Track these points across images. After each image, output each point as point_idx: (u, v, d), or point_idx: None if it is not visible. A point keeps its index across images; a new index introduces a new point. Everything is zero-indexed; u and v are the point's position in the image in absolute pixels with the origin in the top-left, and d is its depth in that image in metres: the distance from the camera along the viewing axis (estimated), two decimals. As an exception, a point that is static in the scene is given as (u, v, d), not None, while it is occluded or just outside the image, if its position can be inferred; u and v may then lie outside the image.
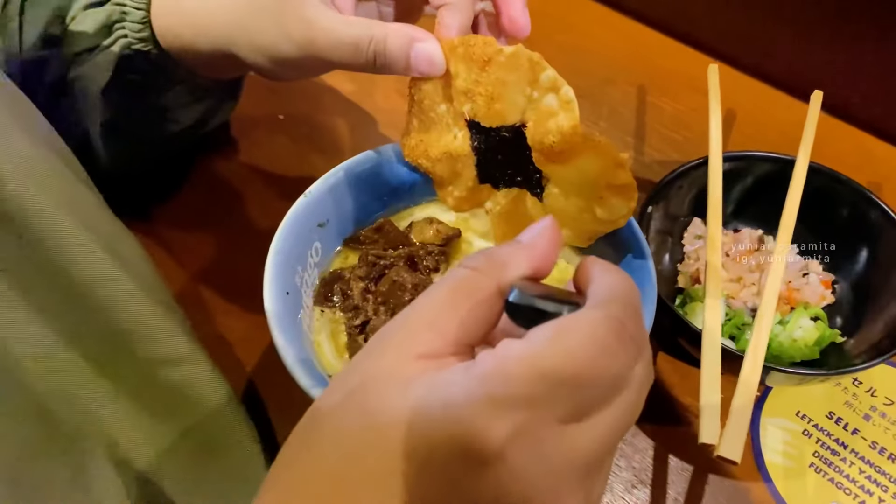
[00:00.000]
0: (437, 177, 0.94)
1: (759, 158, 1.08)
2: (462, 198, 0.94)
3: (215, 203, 1.20)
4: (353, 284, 0.93)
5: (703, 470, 0.95)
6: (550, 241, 0.52)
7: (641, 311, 0.47)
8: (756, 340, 0.86)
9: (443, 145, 0.88)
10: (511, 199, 0.88)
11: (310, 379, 0.77)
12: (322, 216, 0.94)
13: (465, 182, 0.92)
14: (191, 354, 0.83)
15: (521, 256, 0.50)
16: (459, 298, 0.48)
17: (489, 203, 0.91)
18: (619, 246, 0.91)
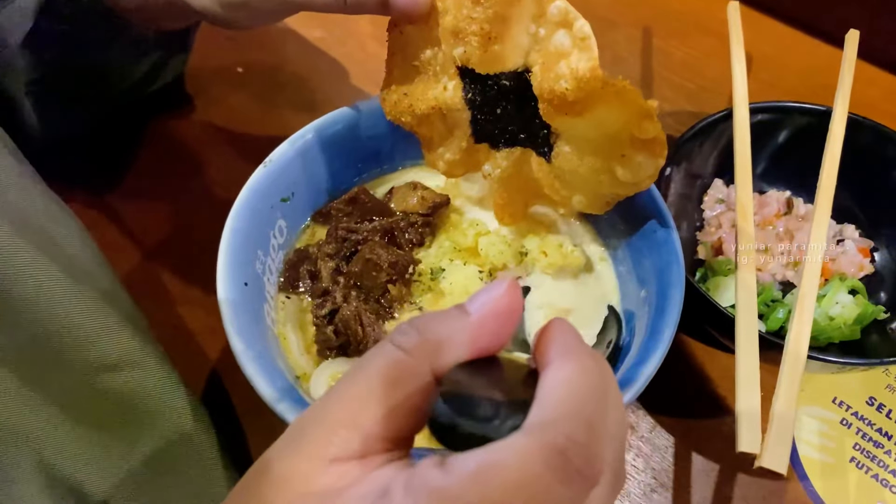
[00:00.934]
0: (424, 137, 0.80)
1: (791, 110, 0.95)
2: (455, 161, 0.80)
3: (168, 172, 1.07)
4: (322, 264, 0.79)
5: (730, 469, 0.84)
6: (504, 314, 0.44)
7: (602, 421, 0.39)
8: (798, 328, 0.74)
9: (430, 99, 0.74)
10: (513, 161, 0.75)
11: (272, 389, 0.65)
12: (286, 189, 0.80)
13: (458, 142, 0.77)
14: (138, 356, 0.72)
15: (462, 336, 0.42)
16: (386, 388, 0.40)
17: (487, 166, 0.77)
18: (635, 216, 0.78)
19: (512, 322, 0.44)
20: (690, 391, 0.88)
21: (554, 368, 0.41)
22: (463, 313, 0.43)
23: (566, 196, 0.74)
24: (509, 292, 0.43)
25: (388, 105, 0.78)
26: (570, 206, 0.76)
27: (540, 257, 0.81)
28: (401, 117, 0.77)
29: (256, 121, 1.10)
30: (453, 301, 0.76)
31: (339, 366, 0.74)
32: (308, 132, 0.82)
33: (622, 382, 0.66)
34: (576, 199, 0.74)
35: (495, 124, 0.73)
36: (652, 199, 0.77)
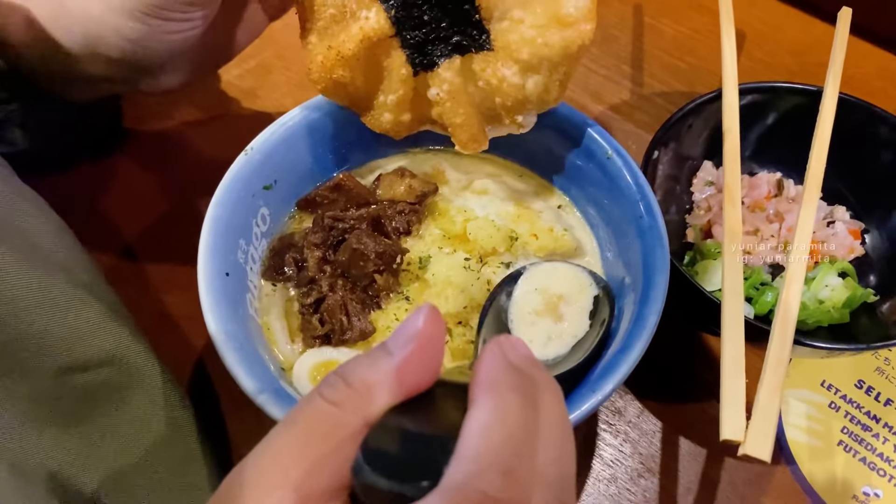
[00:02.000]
0: (360, 93, 0.76)
1: (782, 90, 0.93)
2: (399, 108, 0.76)
3: (151, 159, 1.05)
4: (308, 253, 0.78)
5: (717, 453, 0.84)
6: (426, 349, 0.43)
7: (528, 466, 0.39)
8: (784, 312, 0.73)
9: (356, 34, 0.71)
10: (457, 71, 0.71)
11: (253, 381, 0.64)
12: (269, 176, 0.79)
13: (398, 81, 0.74)
14: (120, 351, 0.72)
15: (389, 379, 0.42)
16: (317, 443, 0.39)
17: (433, 89, 0.73)
18: (621, 202, 0.77)
19: (436, 355, 0.43)
20: (678, 376, 0.88)
21: (474, 411, 0.40)
22: (386, 354, 0.42)
23: (519, 87, 0.69)
24: (428, 323, 0.43)
25: (317, 71, 0.74)
26: (525, 105, 0.71)
27: (531, 240, 0.81)
28: (334, 73, 0.73)
29: (241, 106, 1.09)
30: (438, 292, 0.76)
31: (323, 355, 0.74)
32: (291, 118, 0.81)
33: (606, 370, 0.66)
34: (530, 83, 0.69)
35: (426, 35, 0.70)
36: (638, 184, 0.76)
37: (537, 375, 0.44)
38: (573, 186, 0.85)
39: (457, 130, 0.75)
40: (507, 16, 0.67)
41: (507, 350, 0.44)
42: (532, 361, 0.45)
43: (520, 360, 0.44)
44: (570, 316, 0.73)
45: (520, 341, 0.46)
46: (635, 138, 1.06)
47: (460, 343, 0.75)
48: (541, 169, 0.87)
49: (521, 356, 0.44)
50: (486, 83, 0.70)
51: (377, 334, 0.75)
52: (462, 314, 0.76)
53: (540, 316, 0.73)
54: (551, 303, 0.74)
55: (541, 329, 0.73)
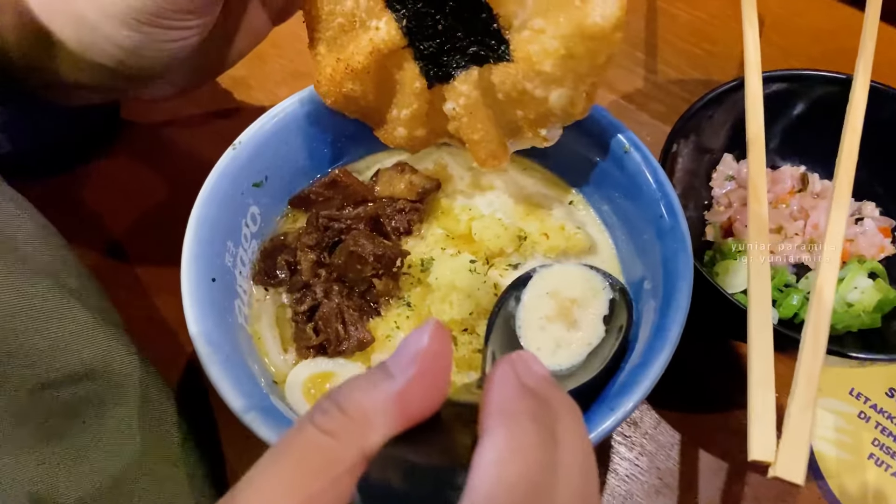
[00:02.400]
0: (371, 106, 0.72)
1: (808, 79, 0.87)
2: (413, 122, 0.72)
3: (139, 154, 1.00)
4: (301, 256, 0.73)
5: (739, 466, 0.79)
6: (432, 370, 0.39)
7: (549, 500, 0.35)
8: (816, 321, 0.68)
9: (366, 46, 0.66)
10: (474, 84, 0.67)
11: (240, 398, 0.59)
12: (258, 172, 0.74)
13: (411, 94, 0.70)
14: (109, 358, 0.67)
15: (389, 407, 0.38)
16: (306, 479, 0.35)
17: (449, 103, 0.68)
18: (639, 201, 0.72)
19: (442, 378, 0.38)
20: (697, 384, 0.83)
21: (487, 442, 0.35)
22: (387, 377, 0.38)
23: (543, 99, 0.64)
24: (434, 341, 0.38)
25: (326, 84, 0.70)
26: (548, 118, 0.67)
27: (541, 240, 0.75)
28: (343, 88, 0.69)
29: (233, 97, 1.03)
30: (442, 297, 0.70)
31: (318, 366, 0.69)
32: (282, 110, 0.75)
33: (625, 386, 0.61)
34: (554, 96, 0.64)
35: (440, 45, 0.65)
36: (659, 182, 0.70)
37: (554, 398, 0.40)
38: (586, 183, 0.79)
39: (475, 147, 0.70)
40: (528, 25, 0.61)
41: (520, 370, 0.40)
42: (548, 382, 0.40)
43: (535, 381, 0.40)
44: (584, 322, 0.68)
45: (533, 357, 0.41)
46: (650, 129, 1.01)
47: (466, 352, 0.69)
48: (551, 163, 0.81)
49: (535, 376, 0.40)
50: (505, 96, 0.65)
51: (376, 344, 0.70)
52: (468, 321, 0.70)
53: (551, 322, 0.68)
54: (564, 308, 0.69)
55: (551, 335, 0.67)
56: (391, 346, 0.70)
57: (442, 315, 0.69)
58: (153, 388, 0.70)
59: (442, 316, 0.69)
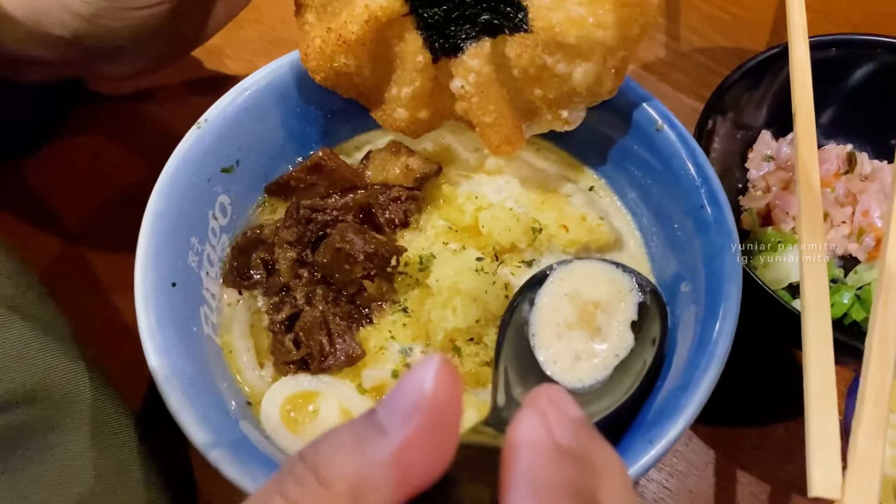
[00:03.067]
0: (368, 83, 0.64)
1: (860, 44, 0.77)
2: (415, 103, 0.63)
3: (99, 134, 0.89)
4: (280, 253, 0.62)
5: (782, 489, 0.70)
6: (438, 420, 0.31)
7: None
8: (884, 326, 0.58)
9: (361, 14, 0.57)
10: (486, 58, 0.58)
11: (205, 431, 0.49)
12: (228, 155, 0.63)
13: (413, 70, 0.61)
14: (41, 384, 0.58)
15: (384, 474, 0.29)
16: None
17: (457, 81, 0.60)
18: (674, 187, 0.61)
19: (450, 433, 0.31)
20: (732, 393, 0.72)
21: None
22: (379, 433, 0.30)
23: (565, 76, 0.57)
24: (440, 385, 0.30)
25: (315, 58, 0.61)
26: (571, 98, 0.59)
27: (559, 233, 0.65)
28: (335, 62, 0.61)
29: (205, 67, 0.93)
30: (444, 302, 0.59)
31: (299, 385, 0.58)
32: (255, 82, 0.65)
33: (663, 411, 0.51)
34: (578, 72, 0.56)
35: (447, 12, 0.57)
36: (698, 165, 0.60)
37: (595, 453, 0.32)
38: (610, 165, 0.69)
39: (487, 131, 0.62)
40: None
41: (553, 422, 0.32)
42: (587, 432, 0.33)
43: (571, 434, 0.32)
44: (609, 329, 0.59)
45: (564, 397, 0.34)
46: (673, 103, 0.90)
47: (472, 366, 0.60)
48: (569, 143, 0.71)
49: (571, 427, 0.32)
50: (522, 72, 0.57)
51: (368, 358, 0.60)
52: (474, 329, 0.60)
53: (571, 329, 0.59)
54: (586, 312, 0.59)
55: (570, 345, 0.58)
56: (385, 360, 0.60)
57: (444, 323, 0.58)
58: (108, 408, 0.61)
59: (444, 324, 0.58)
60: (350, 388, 0.58)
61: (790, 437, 0.71)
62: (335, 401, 0.58)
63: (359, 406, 0.58)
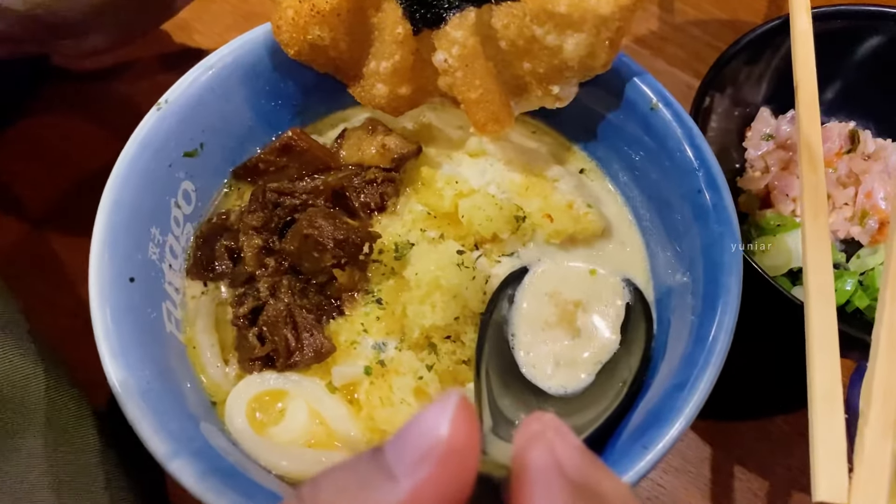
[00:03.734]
0: (344, 57, 0.59)
1: (866, 15, 0.72)
2: (395, 78, 0.59)
3: (63, 114, 0.84)
4: (245, 240, 0.58)
5: (783, 486, 0.67)
6: (454, 467, 0.28)
7: None
8: (892, 318, 0.54)
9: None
10: (470, 29, 0.55)
11: (165, 441, 0.46)
12: (191, 138, 0.59)
13: (393, 43, 0.57)
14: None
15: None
16: None
17: (440, 54, 0.56)
18: (667, 167, 0.58)
19: (467, 482, 0.28)
20: (729, 386, 0.69)
21: None
22: (387, 479, 0.27)
23: (556, 48, 0.53)
24: (459, 428, 0.27)
25: (288, 30, 0.57)
26: (563, 71, 0.55)
27: (543, 222, 0.61)
28: (306, 35, 0.57)
29: (174, 42, 0.88)
30: (422, 298, 0.55)
31: (265, 383, 0.54)
32: (219, 59, 0.61)
33: (658, 413, 0.47)
34: (570, 44, 0.52)
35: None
36: (696, 146, 0.56)
37: (604, 486, 0.31)
38: (601, 145, 0.65)
39: (472, 108, 0.58)
40: None
41: (560, 453, 0.30)
42: (592, 463, 0.31)
43: (579, 467, 0.30)
44: (591, 331, 0.55)
45: (565, 430, 0.32)
46: (667, 78, 0.86)
47: (450, 363, 0.56)
48: (557, 122, 0.67)
49: (578, 459, 0.30)
50: (510, 44, 0.54)
51: (338, 354, 0.56)
52: (452, 327, 0.57)
53: (551, 328, 0.55)
54: (567, 312, 0.56)
55: (549, 348, 0.55)
56: (357, 356, 0.56)
57: (422, 319, 0.55)
58: (70, 409, 0.57)
59: (422, 320, 0.55)
60: (319, 387, 0.55)
61: (791, 431, 0.67)
62: (303, 401, 0.54)
63: (329, 407, 0.54)
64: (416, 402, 0.53)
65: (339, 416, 0.54)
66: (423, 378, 0.54)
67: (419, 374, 0.54)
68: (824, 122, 0.78)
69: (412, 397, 0.53)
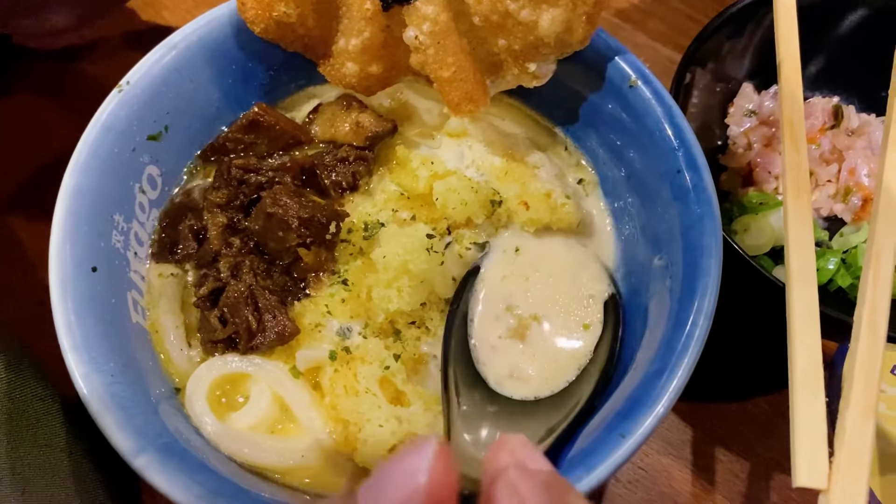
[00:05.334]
0: (313, 34, 0.58)
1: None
2: (365, 56, 0.57)
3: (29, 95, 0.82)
4: (209, 219, 0.56)
5: (763, 467, 0.67)
6: None
7: None
8: (875, 298, 0.54)
9: None
10: (443, 4, 0.53)
11: (130, 437, 0.44)
12: (155, 121, 0.57)
13: (361, 19, 0.55)
14: None
15: None
16: None
17: (411, 31, 0.54)
18: (646, 146, 0.56)
19: None
20: (709, 367, 0.69)
21: None
22: None
23: (531, 24, 0.51)
24: (437, 474, 0.27)
25: (252, 6, 0.56)
26: (539, 48, 0.53)
27: (519, 209, 0.59)
28: (272, 12, 0.55)
29: (141, 20, 0.85)
30: (389, 282, 0.53)
31: (227, 366, 0.53)
32: (183, 38, 0.59)
33: (636, 402, 0.46)
34: (546, 19, 0.50)
35: None
36: (675, 125, 0.55)
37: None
38: (579, 124, 0.63)
39: (445, 87, 0.56)
40: None
41: (524, 492, 0.29)
42: (559, 491, 0.30)
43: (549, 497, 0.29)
44: (557, 325, 0.55)
45: (533, 454, 0.31)
46: (649, 53, 0.84)
47: (414, 350, 0.55)
48: (535, 100, 0.65)
49: (541, 496, 0.29)
50: (483, 20, 0.51)
51: (302, 336, 0.54)
52: (417, 313, 0.56)
53: (511, 331, 0.55)
54: (522, 320, 0.55)
55: (509, 352, 0.54)
56: (322, 339, 0.55)
57: (387, 304, 0.53)
58: (35, 403, 0.55)
59: (387, 305, 0.53)
60: (283, 371, 0.53)
61: (772, 412, 0.67)
62: (266, 385, 0.53)
63: (293, 392, 0.52)
64: (381, 393, 0.51)
65: (303, 402, 0.52)
66: (389, 368, 0.52)
67: (386, 364, 0.52)
68: (808, 97, 0.76)
69: (377, 387, 0.52)
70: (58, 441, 0.56)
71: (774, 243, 0.68)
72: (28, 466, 0.53)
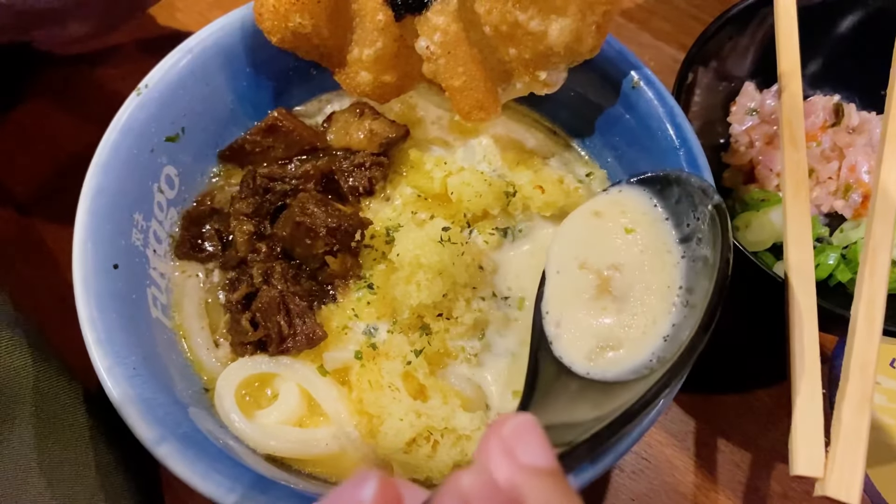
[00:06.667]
0: (328, 44, 0.59)
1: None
2: (379, 65, 0.59)
3: (49, 99, 0.84)
4: (236, 226, 0.58)
5: (765, 457, 0.69)
6: None
7: None
8: (871, 293, 0.56)
9: None
10: (453, 14, 0.54)
11: (152, 426, 0.46)
12: (172, 123, 0.59)
13: (374, 30, 0.57)
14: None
15: None
16: None
17: (422, 41, 0.56)
18: (649, 147, 0.58)
19: None
20: (711, 359, 0.70)
21: None
22: None
23: (540, 34, 0.52)
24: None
25: (269, 17, 0.57)
26: (549, 57, 0.54)
27: (534, 193, 0.61)
28: (288, 23, 0.57)
29: (157, 24, 0.87)
30: (405, 278, 0.55)
31: (256, 366, 0.55)
32: (199, 42, 0.60)
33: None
34: (555, 29, 0.51)
35: None
36: (677, 126, 0.56)
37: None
38: (586, 126, 0.64)
39: (456, 95, 0.57)
40: None
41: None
42: (553, 491, 0.30)
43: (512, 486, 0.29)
44: (637, 292, 0.52)
45: (527, 442, 0.30)
46: (653, 52, 0.86)
47: (441, 345, 0.56)
48: (540, 105, 0.66)
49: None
50: (494, 30, 0.52)
51: (330, 339, 0.56)
52: (442, 304, 0.57)
53: (590, 302, 0.52)
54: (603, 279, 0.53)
55: (592, 321, 0.51)
56: (348, 341, 0.57)
57: (409, 299, 0.55)
58: (60, 397, 0.58)
59: (409, 300, 0.55)
60: (311, 371, 0.55)
61: (773, 404, 0.68)
62: (295, 383, 0.54)
63: (320, 389, 0.54)
64: (403, 387, 0.53)
65: (331, 396, 0.54)
66: (411, 363, 0.54)
67: (408, 359, 0.54)
68: (809, 95, 0.78)
69: (400, 381, 0.53)
70: (82, 434, 0.58)
71: (775, 239, 0.69)
72: (54, 459, 0.55)
